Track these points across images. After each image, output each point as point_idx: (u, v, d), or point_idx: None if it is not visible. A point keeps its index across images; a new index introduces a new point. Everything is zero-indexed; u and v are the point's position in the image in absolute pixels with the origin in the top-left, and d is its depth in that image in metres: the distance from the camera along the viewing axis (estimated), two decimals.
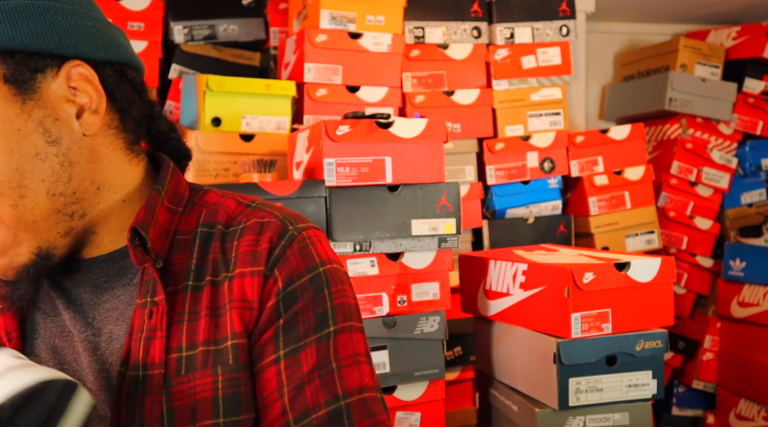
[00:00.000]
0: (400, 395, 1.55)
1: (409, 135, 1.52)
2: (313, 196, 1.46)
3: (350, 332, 0.79)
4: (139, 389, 0.75)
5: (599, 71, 2.88)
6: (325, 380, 0.75)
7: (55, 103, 0.75)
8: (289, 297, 0.77)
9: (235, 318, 0.76)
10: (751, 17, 2.78)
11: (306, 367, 0.76)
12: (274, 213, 0.82)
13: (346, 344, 0.78)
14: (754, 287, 2.45)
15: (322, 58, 1.97)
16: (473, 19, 2.20)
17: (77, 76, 0.76)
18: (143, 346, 0.75)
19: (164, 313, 0.76)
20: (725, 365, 2.55)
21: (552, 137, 2.22)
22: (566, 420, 1.38)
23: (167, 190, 0.82)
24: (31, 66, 0.73)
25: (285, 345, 0.76)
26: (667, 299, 1.44)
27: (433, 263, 1.55)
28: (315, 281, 0.79)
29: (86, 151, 0.77)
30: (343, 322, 0.79)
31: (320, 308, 0.78)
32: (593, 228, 2.26)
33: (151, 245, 0.78)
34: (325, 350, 0.77)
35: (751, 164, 2.62)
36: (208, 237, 0.81)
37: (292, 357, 0.76)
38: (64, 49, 0.75)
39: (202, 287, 0.78)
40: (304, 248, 0.80)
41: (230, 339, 0.76)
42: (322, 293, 0.78)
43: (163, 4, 2.07)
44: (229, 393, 0.75)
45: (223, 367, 0.75)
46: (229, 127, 1.85)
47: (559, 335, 1.38)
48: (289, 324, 0.77)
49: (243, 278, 0.77)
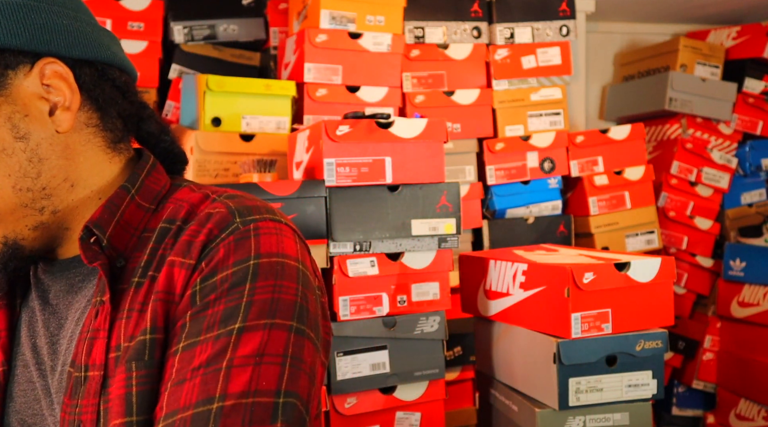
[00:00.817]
0: (400, 395, 1.55)
1: (409, 135, 1.52)
2: (313, 196, 1.46)
3: (264, 329, 0.70)
4: (80, 390, 0.73)
5: (599, 71, 2.88)
6: (207, 378, 0.68)
7: (26, 99, 0.75)
8: (207, 288, 0.72)
9: (159, 311, 0.72)
10: (751, 17, 2.78)
11: (195, 363, 0.69)
12: (228, 204, 0.77)
13: (250, 342, 0.69)
14: (754, 287, 2.45)
15: (322, 58, 1.97)
16: (473, 19, 2.20)
17: (51, 73, 0.76)
18: (87, 346, 0.74)
19: (108, 312, 0.74)
20: (725, 365, 2.55)
21: (552, 137, 2.22)
22: (566, 420, 1.38)
23: (141, 186, 0.81)
24: (2, 62, 0.73)
25: (186, 337, 0.71)
26: (667, 299, 1.44)
27: (433, 263, 1.55)
28: (238, 273, 0.72)
29: (59, 147, 0.77)
30: (256, 319, 0.70)
31: (233, 302, 0.71)
32: (593, 228, 2.26)
33: (111, 243, 0.76)
34: (221, 347, 0.69)
35: (751, 164, 2.62)
36: (165, 233, 0.78)
37: (188, 351, 0.70)
38: (36, 46, 0.75)
39: (143, 282, 0.75)
40: (241, 240, 0.73)
41: (148, 333, 0.72)
42: (240, 287, 0.71)
43: (163, 4, 2.08)
44: (143, 390, 0.71)
45: (137, 362, 0.71)
46: (229, 127, 1.85)
47: (559, 335, 1.38)
48: (197, 316, 0.71)
49: (172, 267, 0.74)
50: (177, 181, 0.86)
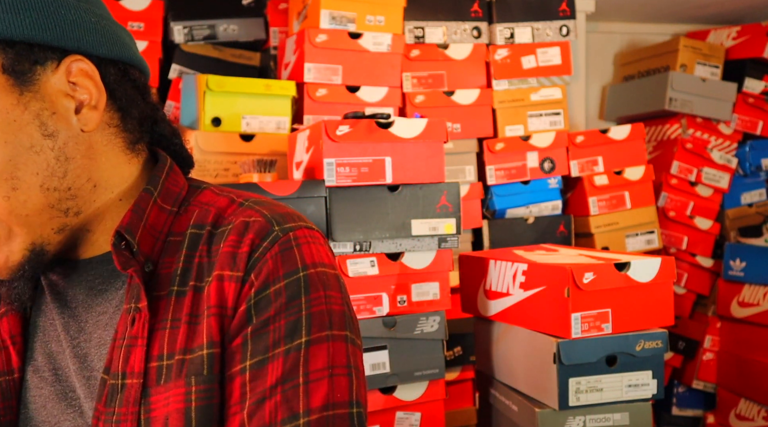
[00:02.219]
0: (400, 395, 1.55)
1: (409, 135, 1.52)
2: (313, 196, 1.46)
3: (328, 342, 0.73)
4: (117, 397, 0.73)
5: (599, 71, 2.88)
6: (287, 395, 0.70)
7: (53, 96, 0.74)
8: (261, 303, 0.73)
9: (213, 325, 0.73)
10: (751, 17, 2.78)
11: (270, 380, 0.71)
12: (263, 212, 0.77)
13: (319, 355, 0.72)
14: (754, 287, 2.45)
15: (322, 58, 1.97)
16: (473, 19, 2.20)
17: (78, 71, 0.75)
18: (124, 353, 0.73)
19: (146, 320, 0.73)
20: (725, 365, 2.55)
21: (552, 137, 2.22)
22: (566, 420, 1.38)
23: (162, 189, 0.80)
24: (31, 58, 0.72)
25: (252, 355, 0.72)
26: (667, 299, 1.44)
27: (433, 263, 1.55)
28: (291, 286, 0.73)
29: (83, 147, 0.76)
30: (318, 332, 0.72)
31: (293, 316, 0.72)
32: (593, 228, 2.26)
33: (140, 248, 0.76)
34: (293, 363, 0.71)
35: (751, 164, 2.62)
36: (197, 239, 0.77)
37: (258, 369, 0.71)
38: (65, 42, 0.74)
39: (186, 292, 0.75)
40: (286, 250, 0.75)
41: (206, 348, 0.72)
42: (297, 300, 0.73)
43: (163, 4, 2.08)
44: (201, 405, 0.71)
45: (197, 377, 0.71)
46: (229, 127, 1.85)
47: (559, 335, 1.38)
48: (259, 332, 0.72)
49: (221, 281, 0.74)
50: (194, 183, 0.86)
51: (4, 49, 0.71)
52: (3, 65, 0.71)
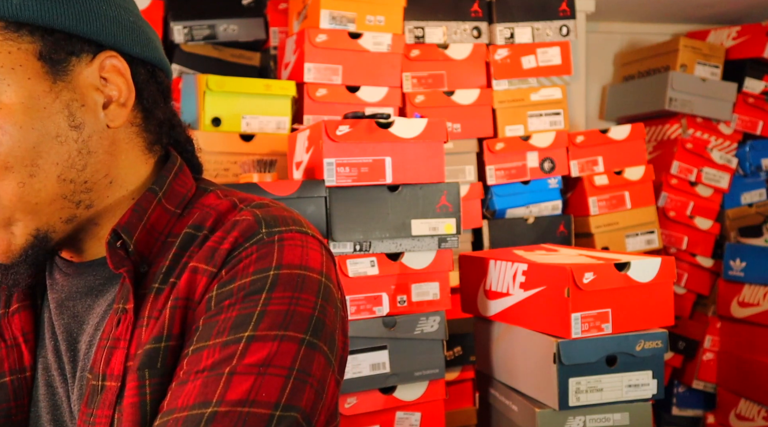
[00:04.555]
0: (400, 395, 1.55)
1: (409, 135, 1.52)
2: (313, 197, 1.46)
3: (274, 341, 0.68)
4: (96, 399, 0.72)
5: (599, 71, 2.88)
6: (207, 381, 0.66)
7: (84, 89, 0.74)
8: (223, 294, 0.70)
9: (176, 318, 0.71)
10: (751, 17, 2.78)
11: (200, 366, 0.68)
12: (256, 213, 0.75)
13: (258, 352, 0.67)
14: (754, 287, 2.45)
15: (322, 58, 1.97)
16: (473, 19, 2.20)
17: (110, 67, 0.75)
18: (105, 355, 0.72)
19: (130, 322, 0.72)
20: (725, 365, 2.55)
21: (552, 137, 2.22)
22: (566, 420, 1.38)
23: (168, 189, 0.80)
24: (68, 48, 0.73)
25: (197, 341, 0.69)
26: (667, 299, 1.44)
27: (433, 263, 1.55)
28: (257, 282, 0.70)
29: (106, 142, 0.76)
30: (267, 329, 0.68)
31: (247, 310, 0.69)
32: (593, 228, 2.26)
33: (136, 248, 0.75)
34: (228, 354, 0.67)
35: (751, 164, 2.62)
36: (190, 240, 0.76)
37: (196, 354, 0.68)
38: (103, 37, 0.74)
39: (164, 288, 0.74)
40: (263, 249, 0.72)
41: (163, 340, 0.70)
42: (257, 296, 0.70)
43: (163, 4, 2.08)
44: (156, 399, 0.69)
45: (150, 370, 0.70)
46: (229, 127, 1.85)
47: (559, 335, 1.38)
48: (209, 321, 0.70)
49: (195, 273, 0.72)
50: (203, 185, 0.85)
51: (42, 37, 0.71)
52: (40, 52, 0.71)
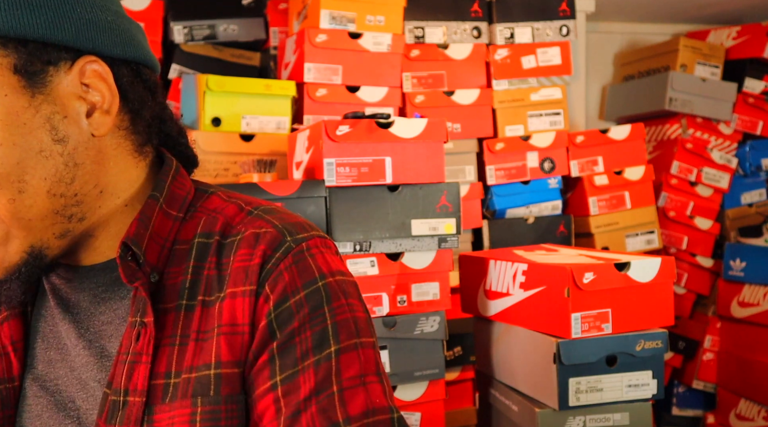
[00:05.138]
0: (400, 395, 1.55)
1: (409, 135, 1.52)
2: (313, 197, 1.46)
3: (356, 349, 0.71)
4: (118, 415, 0.70)
5: (599, 71, 2.88)
6: (322, 405, 0.68)
7: (65, 99, 0.71)
8: (283, 316, 0.70)
9: (223, 345, 0.70)
10: (751, 17, 2.78)
11: (304, 393, 0.68)
12: (274, 222, 0.75)
13: (350, 363, 0.70)
14: (754, 287, 2.45)
15: (322, 58, 1.97)
16: (473, 19, 2.20)
17: (91, 72, 0.72)
18: (127, 370, 0.71)
19: (152, 336, 0.71)
20: (725, 365, 2.55)
21: (552, 137, 2.22)
22: (566, 420, 1.38)
23: (167, 193, 0.77)
24: (44, 57, 0.69)
25: (281, 370, 0.69)
26: (667, 299, 1.44)
27: (433, 263, 1.55)
28: (312, 296, 0.71)
29: (92, 152, 0.73)
30: (347, 340, 0.71)
31: (318, 326, 0.71)
32: (593, 228, 2.26)
33: (146, 259, 0.73)
34: (325, 373, 0.69)
35: (751, 164, 2.62)
36: (205, 249, 0.75)
37: (290, 383, 0.69)
38: (80, 42, 0.70)
39: (194, 306, 0.72)
40: (300, 261, 0.73)
41: (213, 368, 0.70)
42: (321, 310, 0.71)
43: (163, 4, 2.08)
44: (207, 426, 0.69)
45: (203, 398, 0.69)
46: (229, 127, 1.85)
47: (559, 335, 1.38)
48: (285, 346, 0.70)
49: (234, 298, 0.71)
50: (202, 187, 0.83)
51: (16, 49, 0.68)
52: (15, 65, 0.68)
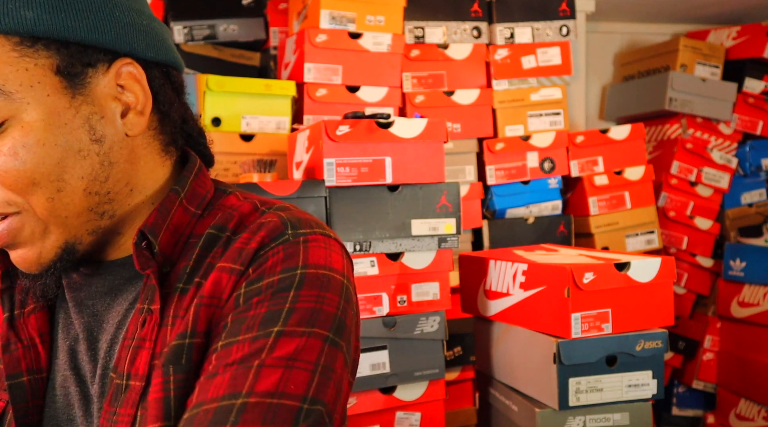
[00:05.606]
0: (400, 395, 1.55)
1: (409, 135, 1.52)
2: (313, 197, 1.46)
3: (302, 337, 0.70)
4: (119, 397, 0.72)
5: (599, 71, 2.88)
6: (237, 373, 0.67)
7: (102, 100, 0.74)
8: (252, 292, 0.72)
9: (201, 315, 0.72)
10: (751, 17, 2.78)
11: (230, 359, 0.68)
12: (281, 215, 0.77)
13: (286, 346, 0.69)
14: (754, 287, 2.45)
15: (322, 58, 1.97)
16: (473, 19, 2.20)
17: (127, 74, 0.75)
18: (131, 354, 0.73)
19: (156, 323, 0.73)
20: (725, 365, 2.55)
21: (552, 137, 2.22)
22: (566, 420, 1.38)
23: (189, 190, 0.80)
24: (84, 59, 0.72)
25: (226, 336, 0.70)
26: (667, 299, 1.44)
27: (433, 263, 1.55)
28: (285, 280, 0.72)
29: (126, 151, 0.76)
30: (295, 326, 0.70)
31: (276, 306, 0.71)
32: (593, 228, 2.26)
33: (161, 249, 0.75)
34: (257, 348, 0.68)
35: (751, 164, 2.62)
36: (213, 241, 0.77)
37: (225, 349, 0.69)
38: (118, 45, 0.74)
39: (189, 289, 0.74)
40: (290, 249, 0.74)
41: (188, 337, 0.71)
42: (285, 293, 0.71)
43: (163, 4, 2.08)
44: (181, 394, 0.70)
45: (175, 366, 0.70)
46: (229, 127, 1.85)
47: (559, 335, 1.38)
48: (238, 317, 0.71)
49: (221, 272, 0.73)
50: (221, 186, 0.85)
51: (59, 50, 0.71)
52: (57, 67, 0.71)
